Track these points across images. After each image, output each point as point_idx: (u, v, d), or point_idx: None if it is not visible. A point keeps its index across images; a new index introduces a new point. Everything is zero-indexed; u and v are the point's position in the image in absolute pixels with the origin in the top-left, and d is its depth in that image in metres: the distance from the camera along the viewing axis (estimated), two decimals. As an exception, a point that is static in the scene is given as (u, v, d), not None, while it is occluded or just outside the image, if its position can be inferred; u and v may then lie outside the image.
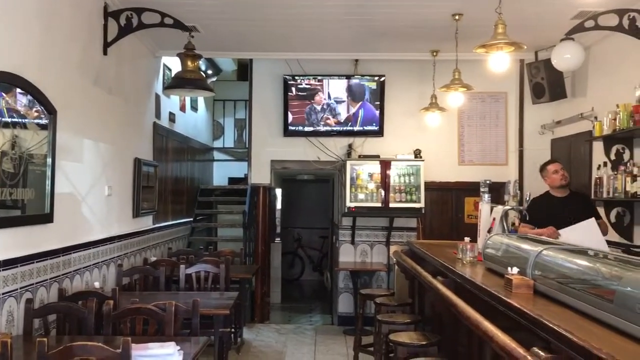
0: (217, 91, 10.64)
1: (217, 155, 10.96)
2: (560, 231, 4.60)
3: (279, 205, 10.87)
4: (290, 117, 7.76)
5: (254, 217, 8.12)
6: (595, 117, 5.79)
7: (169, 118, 7.65)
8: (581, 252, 3.03)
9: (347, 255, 7.78)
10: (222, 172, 10.84)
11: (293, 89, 7.75)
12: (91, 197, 4.98)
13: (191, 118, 9.07)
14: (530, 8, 5.34)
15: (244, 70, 9.32)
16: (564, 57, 5.31)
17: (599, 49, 6.09)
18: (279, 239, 10.16)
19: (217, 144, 11.08)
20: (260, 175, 8.00)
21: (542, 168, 5.26)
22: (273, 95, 7.87)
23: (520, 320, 2.61)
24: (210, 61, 9.47)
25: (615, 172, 5.12)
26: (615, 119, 5.08)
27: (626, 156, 5.26)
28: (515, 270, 3.12)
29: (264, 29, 6.31)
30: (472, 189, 6.81)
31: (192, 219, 8.62)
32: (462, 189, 7.66)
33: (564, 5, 5.18)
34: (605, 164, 5.47)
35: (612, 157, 5.37)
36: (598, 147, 5.62)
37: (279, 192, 10.62)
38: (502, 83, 7.57)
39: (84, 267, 4.75)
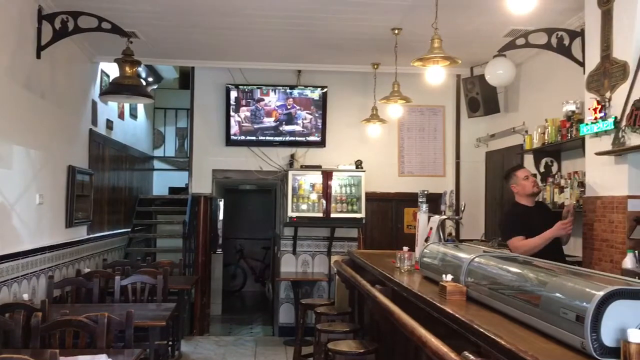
0: (158, 99, 10.50)
1: (157, 164, 10.73)
2: None
3: (221, 216, 10.74)
4: (232, 126, 7.71)
5: (195, 228, 7.99)
6: (526, 131, 6.05)
7: (107, 125, 7.45)
8: (511, 259, 3.14)
9: (289, 266, 7.77)
10: (162, 182, 10.61)
11: (236, 98, 7.71)
12: (20, 206, 4.78)
13: (130, 126, 8.85)
14: (466, 25, 5.54)
15: (186, 79, 9.19)
16: (497, 73, 5.54)
17: (530, 66, 6.38)
18: (220, 250, 10.03)
19: (158, 152, 10.85)
20: (202, 185, 7.90)
21: (509, 175, 4.61)
22: (215, 104, 7.80)
23: (453, 326, 2.68)
24: (151, 68, 9.30)
25: (545, 184, 5.34)
26: (544, 133, 5.32)
27: (554, 168, 5.51)
28: (449, 277, 3.20)
29: (206, 37, 6.27)
30: (411, 199, 6.94)
31: (129, 230, 8.39)
32: (401, 200, 7.81)
33: (497, 23, 5.40)
34: (535, 176, 5.70)
35: (542, 169, 5.61)
36: (529, 160, 5.86)
37: (221, 202, 10.49)
38: (440, 97, 7.80)
39: (11, 279, 4.54)
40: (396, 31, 5.74)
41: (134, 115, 9.05)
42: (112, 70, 7.02)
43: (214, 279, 8.99)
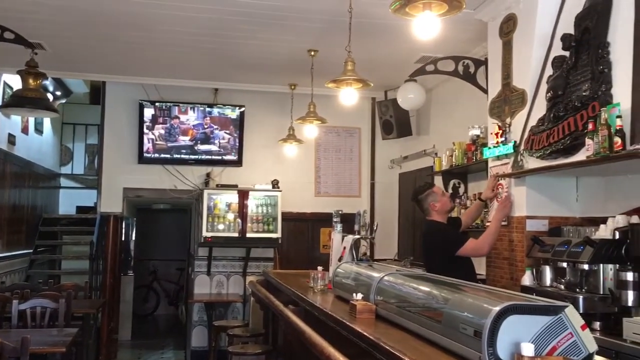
0: (66, 114, 10.07)
1: (64, 182, 10.23)
2: None
3: (133, 236, 10.35)
4: (145, 143, 7.49)
5: (104, 248, 7.65)
6: (436, 154, 6.30)
7: (8, 140, 7.02)
8: (418, 277, 3.22)
9: (203, 287, 7.59)
10: (70, 201, 10.11)
11: (149, 114, 7.51)
12: None
13: (35, 141, 8.40)
14: (380, 50, 5.72)
15: (97, 93, 8.87)
16: (408, 97, 5.75)
17: (440, 92, 6.67)
18: (131, 272, 9.64)
19: (65, 170, 10.36)
20: (111, 204, 7.59)
21: (424, 192, 4.40)
22: (128, 120, 7.56)
23: (362, 344, 2.70)
24: (59, 82, 8.89)
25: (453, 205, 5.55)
26: (452, 156, 5.56)
27: (461, 190, 5.75)
28: (359, 296, 3.23)
29: (118, 51, 6.09)
30: (327, 219, 6.96)
31: (31, 251, 7.90)
32: (318, 220, 7.85)
33: (409, 49, 5.61)
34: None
35: (450, 190, 5.84)
36: (438, 181, 6.07)
37: (133, 222, 10.12)
38: (356, 119, 7.98)
39: None
40: (312, 53, 5.83)
41: (39, 130, 8.59)
42: (16, 82, 6.66)
43: (124, 302, 8.62)
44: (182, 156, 7.59)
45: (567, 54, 3.63)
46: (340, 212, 5.09)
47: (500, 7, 4.43)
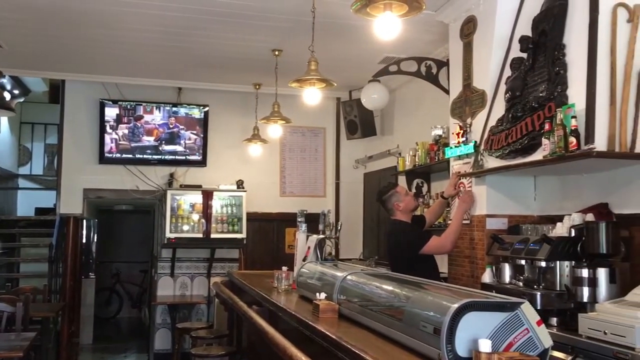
0: (25, 113, 9.82)
1: (22, 183, 9.96)
2: None
3: (95, 238, 10.13)
4: (107, 143, 7.35)
5: (63, 251, 7.47)
6: (400, 154, 6.36)
7: (-38, 140, 6.81)
8: (380, 276, 3.24)
9: (166, 289, 7.49)
10: (28, 202, 9.86)
11: (113, 114, 7.37)
12: None
13: (-9, 141, 8.17)
14: (343, 50, 5.74)
15: (57, 92, 8.66)
16: (372, 97, 5.79)
17: (403, 92, 6.74)
18: (93, 274, 9.43)
19: (24, 170, 10.09)
20: (71, 205, 7.42)
21: (387, 192, 4.44)
22: (88, 119, 7.41)
23: (324, 344, 2.71)
24: (17, 80, 8.65)
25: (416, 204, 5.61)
26: (415, 156, 5.62)
27: (425, 189, 5.82)
28: (322, 295, 3.24)
29: (78, 49, 5.97)
30: (292, 219, 6.95)
31: (-13, 254, 7.68)
32: (283, 220, 7.84)
33: (372, 50, 5.65)
34: (407, 195, 5.98)
35: (414, 190, 5.90)
36: (402, 181, 6.14)
37: (95, 223, 9.91)
38: (321, 118, 7.99)
39: None
40: (276, 52, 5.82)
41: (-5, 129, 8.36)
42: (-30, 80, 6.46)
43: (85, 306, 8.43)
44: (146, 156, 7.47)
45: (525, 55, 3.71)
46: (304, 212, 5.09)
47: (460, 9, 4.50)
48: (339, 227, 5.18)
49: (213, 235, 7.28)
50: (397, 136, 6.89)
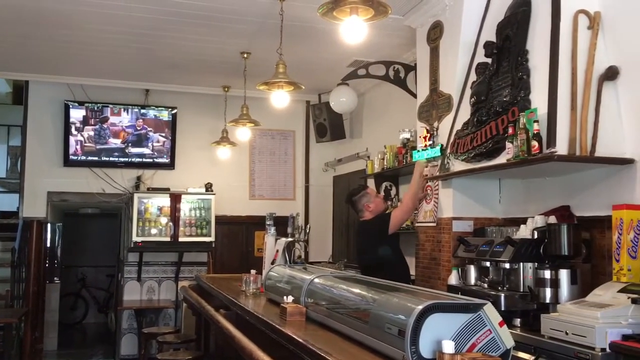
0: (-14, 114, 9.55)
1: (-16, 185, 9.71)
2: None
3: (60, 242, 9.91)
4: (73, 145, 7.22)
5: (27, 255, 7.29)
6: (368, 157, 6.39)
7: None
8: (347, 278, 3.26)
9: (133, 293, 7.38)
10: (-10, 206, 9.61)
11: (80, 115, 7.24)
12: None
13: (-49, 143, 7.93)
14: (312, 53, 5.76)
15: (20, 93, 8.45)
16: (340, 101, 5.81)
17: (372, 95, 6.78)
18: (58, 279, 9.23)
19: (-14, 173, 9.83)
20: (35, 208, 7.25)
21: (358, 193, 4.62)
22: (53, 121, 7.26)
23: (290, 347, 2.70)
24: (-21, 81, 8.44)
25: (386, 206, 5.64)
26: (383, 159, 5.66)
27: (393, 192, 5.86)
28: (290, 298, 3.23)
29: (42, 49, 5.85)
30: (262, 222, 6.90)
31: (-53, 259, 7.45)
32: (252, 223, 7.80)
33: (341, 53, 5.68)
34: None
35: (382, 192, 5.94)
36: (370, 184, 6.17)
37: (60, 227, 9.70)
38: (291, 121, 7.99)
39: None
40: (245, 55, 5.80)
41: (-44, 131, 8.12)
42: None
43: (49, 311, 8.24)
44: (112, 159, 7.35)
45: (489, 60, 3.76)
46: (273, 215, 5.08)
47: (427, 15, 4.55)
48: (308, 230, 5.19)
49: (181, 239, 7.21)
50: (366, 139, 6.93)
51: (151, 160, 7.50)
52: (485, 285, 3.58)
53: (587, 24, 3.21)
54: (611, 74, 3.13)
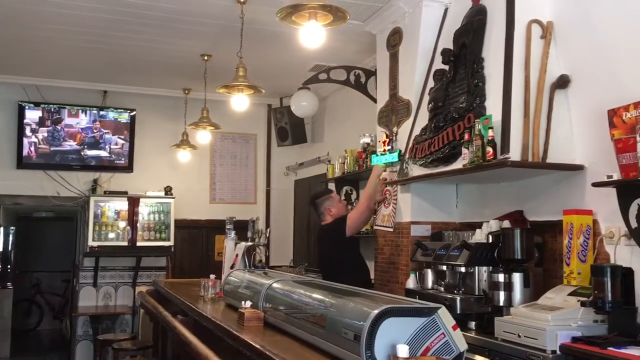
0: None
1: None
2: None
3: (12, 246, 9.60)
4: (26, 147, 7.01)
5: (-23, 260, 7.05)
6: (329, 161, 6.41)
7: None
8: (306, 283, 3.25)
9: (88, 299, 7.21)
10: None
11: (35, 117, 7.03)
12: None
13: None
14: (274, 57, 5.75)
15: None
16: (301, 105, 5.82)
17: (334, 100, 6.81)
18: (10, 285, 8.94)
19: None
20: (-15, 212, 7.02)
21: (322, 196, 4.70)
22: (6, 122, 7.03)
23: (247, 353, 2.68)
24: None
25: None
26: (344, 163, 5.69)
27: (353, 196, 5.89)
28: (248, 304, 3.20)
29: (-6, 48, 5.67)
30: (222, 226, 6.83)
31: None
32: (213, 227, 7.71)
33: (303, 57, 5.68)
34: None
35: (343, 197, 5.96)
36: (332, 188, 6.18)
37: (13, 231, 9.40)
38: (252, 125, 7.95)
39: None
40: (206, 57, 5.75)
41: None
42: None
43: (2, 318, 7.96)
44: (68, 161, 7.17)
45: (447, 67, 3.83)
46: (233, 219, 5.06)
47: (387, 21, 4.60)
48: (268, 234, 5.17)
49: (139, 243, 7.08)
50: (327, 143, 6.96)
51: (109, 163, 7.35)
52: (442, 289, 3.63)
53: (540, 33, 3.30)
54: (562, 82, 3.22)
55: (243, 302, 3.23)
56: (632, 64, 2.85)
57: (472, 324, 3.28)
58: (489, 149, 3.15)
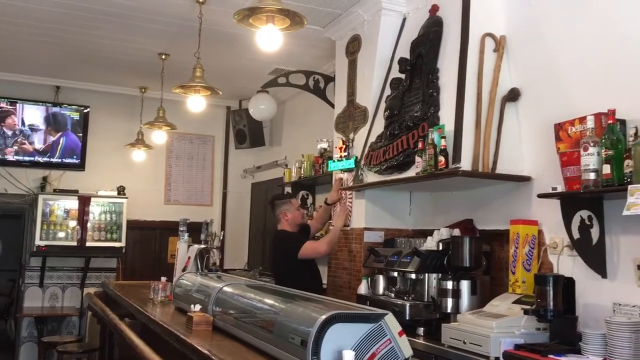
0: None
1: None
2: None
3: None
4: (-30, 142, 6.76)
5: None
6: (287, 165, 6.41)
7: None
8: (256, 287, 3.24)
9: (34, 300, 6.98)
10: None
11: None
12: None
13: None
14: (234, 59, 5.71)
15: None
16: (259, 108, 5.80)
17: (293, 104, 6.81)
18: (-49, 284, 8.61)
19: None
20: None
21: (282, 198, 4.67)
22: (-49, 116, 6.77)
23: (194, 358, 2.64)
24: None
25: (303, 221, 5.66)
26: (301, 168, 5.69)
27: (310, 201, 5.90)
28: (197, 307, 3.17)
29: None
30: (177, 228, 6.78)
31: None
32: (166, 229, 7.58)
33: (263, 61, 5.66)
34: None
35: (299, 201, 5.95)
36: (289, 192, 6.18)
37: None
38: (211, 127, 7.88)
39: None
40: (163, 56, 5.67)
41: None
42: None
43: (-59, 320, 7.67)
44: (16, 157, 6.94)
45: (403, 76, 3.88)
46: (187, 220, 5.00)
47: (346, 28, 4.63)
48: (222, 237, 5.13)
49: (89, 244, 6.90)
50: (285, 147, 6.95)
51: (59, 160, 7.14)
52: (393, 295, 3.67)
53: (493, 46, 3.38)
54: (513, 95, 3.31)
55: (192, 306, 3.19)
56: (579, 79, 2.95)
57: (421, 330, 3.32)
58: (441, 158, 3.20)
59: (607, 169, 2.43)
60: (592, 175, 2.50)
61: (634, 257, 2.60)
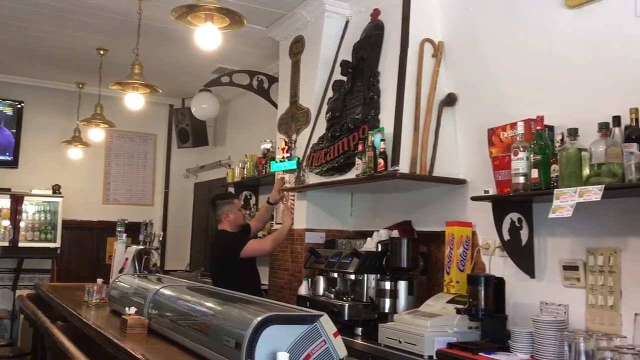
0: None
1: None
2: None
3: None
4: None
5: None
6: (230, 165, 6.35)
7: None
8: (194, 289, 3.19)
9: (-39, 303, 6.66)
10: None
11: None
12: None
13: None
14: (175, 56, 5.61)
15: None
16: (202, 107, 5.72)
17: (237, 104, 6.76)
18: None
19: None
20: None
21: (225, 198, 4.58)
22: None
23: (128, 362, 2.58)
24: None
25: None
26: (244, 168, 5.65)
27: (252, 201, 5.87)
28: (132, 310, 3.09)
29: None
30: (115, 228, 6.65)
31: None
32: (105, 229, 7.37)
33: (205, 59, 5.58)
34: (235, 208, 5.98)
35: (242, 202, 5.91)
36: (232, 192, 6.12)
37: None
38: (152, 125, 7.71)
39: None
40: (102, 52, 5.51)
41: None
42: None
43: None
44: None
45: (345, 79, 3.91)
46: (125, 220, 4.87)
47: (290, 29, 4.63)
48: (161, 238, 5.03)
49: (22, 244, 6.66)
50: (229, 147, 6.88)
51: (-9, 157, 6.84)
52: (332, 296, 3.69)
53: (431, 52, 3.45)
54: (450, 100, 3.39)
55: (127, 309, 3.11)
56: (512, 86, 3.05)
57: (359, 330, 3.35)
58: (381, 161, 3.24)
59: (535, 173, 2.52)
60: (521, 179, 2.59)
61: (559, 258, 2.71)
